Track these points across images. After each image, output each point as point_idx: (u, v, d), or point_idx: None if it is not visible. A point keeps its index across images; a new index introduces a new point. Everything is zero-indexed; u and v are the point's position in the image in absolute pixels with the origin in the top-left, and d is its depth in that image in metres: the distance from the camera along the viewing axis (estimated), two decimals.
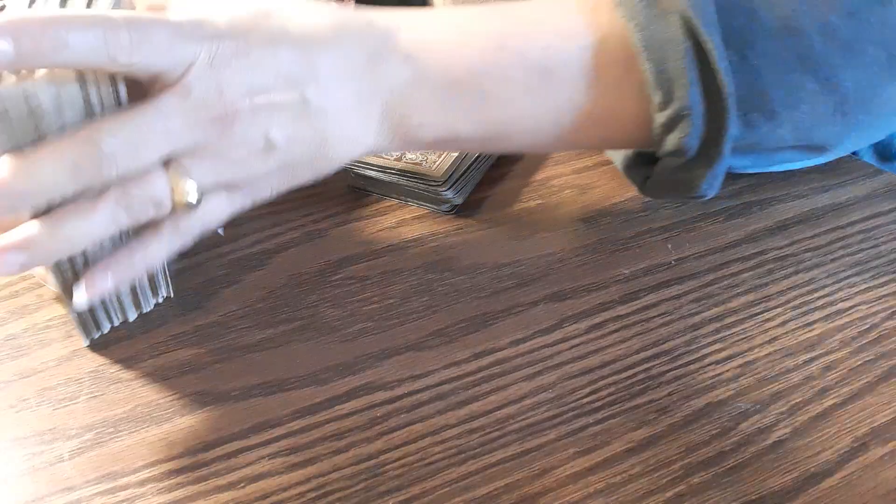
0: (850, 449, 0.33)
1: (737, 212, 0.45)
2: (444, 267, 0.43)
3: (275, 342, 0.38)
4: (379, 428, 0.34)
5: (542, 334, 0.38)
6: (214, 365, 0.37)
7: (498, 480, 0.32)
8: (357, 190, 0.48)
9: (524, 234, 0.45)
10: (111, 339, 0.39)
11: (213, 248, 0.44)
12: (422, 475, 0.32)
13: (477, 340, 0.38)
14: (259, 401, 0.35)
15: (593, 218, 0.46)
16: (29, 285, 0.42)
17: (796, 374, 0.36)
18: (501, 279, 0.42)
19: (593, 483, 0.32)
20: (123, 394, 0.36)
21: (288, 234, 0.45)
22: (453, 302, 0.40)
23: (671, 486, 0.31)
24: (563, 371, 0.36)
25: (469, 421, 0.34)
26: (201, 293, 0.41)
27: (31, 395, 0.36)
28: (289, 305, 0.40)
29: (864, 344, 0.38)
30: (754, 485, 0.31)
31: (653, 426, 0.34)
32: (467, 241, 0.45)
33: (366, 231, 0.45)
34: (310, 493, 0.31)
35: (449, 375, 0.36)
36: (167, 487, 0.32)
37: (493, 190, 0.48)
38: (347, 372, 0.37)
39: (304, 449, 0.33)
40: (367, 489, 0.32)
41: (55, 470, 0.33)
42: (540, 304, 0.40)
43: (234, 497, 0.31)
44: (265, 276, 0.42)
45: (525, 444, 0.33)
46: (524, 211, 0.47)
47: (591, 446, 0.33)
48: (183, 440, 0.34)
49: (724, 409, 0.35)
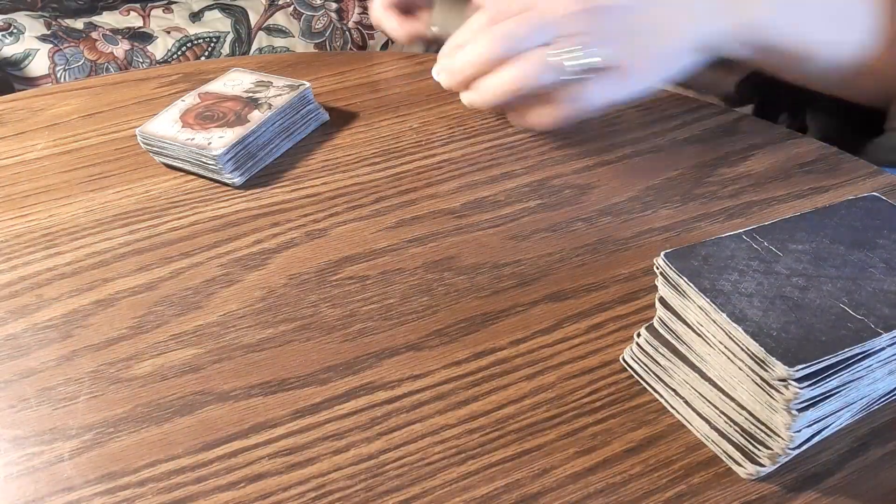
0: (850, 449, 0.33)
1: (737, 212, 0.45)
2: (444, 267, 0.43)
3: (275, 342, 0.38)
4: (379, 428, 0.34)
5: (542, 334, 0.38)
6: (214, 365, 0.37)
7: (498, 480, 0.32)
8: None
9: (524, 234, 0.45)
10: (112, 338, 0.39)
11: (213, 247, 0.44)
12: (422, 475, 0.32)
13: (477, 340, 0.38)
14: (259, 401, 0.35)
15: (593, 218, 0.46)
16: (29, 285, 0.42)
17: None
18: (501, 279, 0.42)
19: (593, 483, 0.32)
20: (123, 394, 0.36)
21: (288, 234, 0.45)
22: (453, 302, 0.40)
23: (671, 486, 0.31)
24: (563, 371, 0.36)
25: (469, 421, 0.34)
26: (201, 293, 0.41)
27: (31, 395, 0.36)
28: (289, 305, 0.40)
29: None
30: (754, 485, 0.31)
31: (653, 426, 0.34)
32: (467, 241, 0.45)
33: (366, 231, 0.45)
34: (310, 493, 0.31)
35: (449, 375, 0.36)
36: (167, 487, 0.32)
37: (493, 190, 0.49)
38: (347, 372, 0.37)
39: (304, 449, 0.33)
40: (367, 489, 0.32)
41: (55, 470, 0.33)
42: (540, 304, 0.40)
43: (234, 497, 0.31)
44: (265, 276, 0.42)
45: (525, 444, 0.33)
46: (523, 210, 0.47)
47: (591, 446, 0.33)
48: (183, 440, 0.34)
49: None
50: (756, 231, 0.34)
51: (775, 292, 0.31)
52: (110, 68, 1.25)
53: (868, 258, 0.33)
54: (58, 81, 1.22)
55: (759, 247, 0.33)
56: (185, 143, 0.49)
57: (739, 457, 0.32)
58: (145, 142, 0.51)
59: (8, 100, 0.60)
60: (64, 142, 0.54)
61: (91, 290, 0.41)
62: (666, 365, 0.34)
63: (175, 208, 0.48)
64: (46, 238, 0.45)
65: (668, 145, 0.53)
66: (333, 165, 0.51)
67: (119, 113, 0.58)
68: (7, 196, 0.49)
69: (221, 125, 0.50)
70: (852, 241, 0.34)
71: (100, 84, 0.62)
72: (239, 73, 0.56)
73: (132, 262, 0.43)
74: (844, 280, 0.31)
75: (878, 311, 0.30)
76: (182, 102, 0.53)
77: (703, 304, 0.31)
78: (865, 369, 0.30)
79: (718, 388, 0.32)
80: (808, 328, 0.29)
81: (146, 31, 1.30)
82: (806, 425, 0.30)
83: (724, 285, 0.31)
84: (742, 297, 0.31)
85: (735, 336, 0.30)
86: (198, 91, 0.54)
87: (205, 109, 0.52)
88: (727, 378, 0.32)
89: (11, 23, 1.23)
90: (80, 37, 1.26)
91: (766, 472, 0.31)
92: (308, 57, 0.64)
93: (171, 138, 0.49)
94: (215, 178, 0.50)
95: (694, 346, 0.33)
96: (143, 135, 0.50)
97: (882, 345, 0.29)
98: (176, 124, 0.50)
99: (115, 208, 0.48)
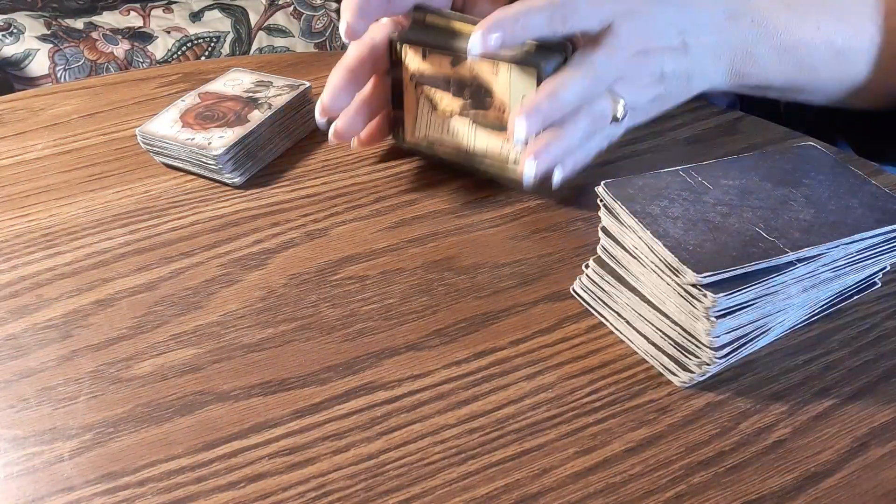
0: (850, 449, 0.33)
1: None
2: (444, 267, 0.43)
3: (275, 342, 0.38)
4: (379, 428, 0.34)
5: (542, 334, 0.38)
6: (214, 365, 0.37)
7: (498, 480, 0.32)
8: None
9: (524, 234, 0.45)
10: (112, 338, 0.39)
11: (213, 247, 0.44)
12: (422, 475, 0.32)
13: (477, 340, 0.38)
14: (259, 401, 0.35)
15: (593, 218, 0.46)
16: (29, 285, 0.42)
17: (796, 374, 0.36)
18: (501, 279, 0.42)
19: (593, 483, 0.32)
20: (123, 394, 0.36)
21: (288, 234, 0.45)
22: (453, 302, 0.40)
23: (671, 486, 0.31)
24: (563, 371, 0.36)
25: (469, 421, 0.34)
26: (201, 293, 0.41)
27: (31, 395, 0.36)
28: (289, 305, 0.40)
29: (864, 344, 0.38)
30: (754, 485, 0.31)
31: (653, 426, 0.34)
32: (467, 241, 0.45)
33: (366, 231, 0.45)
34: (310, 493, 0.31)
35: (449, 375, 0.36)
36: (167, 487, 0.32)
37: (493, 190, 0.49)
38: (347, 372, 0.37)
39: (304, 449, 0.33)
40: (367, 489, 0.32)
41: (55, 470, 0.33)
42: (540, 304, 0.40)
43: (234, 497, 0.31)
44: (265, 276, 0.42)
45: (525, 444, 0.33)
46: (524, 211, 0.47)
47: (591, 446, 0.33)
48: (183, 440, 0.34)
49: (724, 408, 0.35)
50: (693, 168, 0.38)
51: (699, 217, 0.35)
52: (110, 68, 1.25)
53: (791, 193, 0.36)
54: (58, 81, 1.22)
55: (693, 181, 0.37)
56: (185, 143, 0.49)
57: (674, 367, 0.36)
58: (145, 141, 0.51)
59: (8, 100, 0.60)
60: (64, 142, 0.54)
61: (91, 290, 0.41)
62: (610, 291, 0.38)
63: (175, 208, 0.48)
64: (46, 238, 0.45)
65: (669, 145, 0.53)
66: (333, 165, 0.51)
67: (119, 113, 0.58)
68: (7, 196, 0.49)
69: (221, 125, 0.50)
70: (780, 179, 0.37)
71: (100, 84, 0.62)
72: (239, 72, 0.56)
73: (132, 262, 0.43)
74: (764, 210, 0.35)
75: (789, 235, 0.34)
76: (182, 102, 0.53)
77: (632, 223, 0.35)
78: (779, 285, 0.33)
79: (653, 305, 0.36)
80: (722, 245, 0.33)
81: (146, 31, 1.30)
82: (725, 332, 0.33)
83: (653, 209, 0.35)
84: (668, 220, 0.34)
85: (656, 250, 0.34)
86: (198, 91, 0.54)
87: (205, 109, 0.52)
88: (658, 294, 0.35)
89: (11, 23, 1.24)
90: (80, 37, 1.26)
91: (699, 379, 0.35)
92: (308, 57, 0.64)
93: (171, 138, 0.49)
94: (215, 177, 0.50)
95: (631, 269, 0.37)
96: (143, 135, 0.50)
97: (789, 260, 0.33)
98: (176, 124, 0.50)
99: (115, 208, 0.48)
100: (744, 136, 0.53)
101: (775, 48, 0.50)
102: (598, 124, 0.46)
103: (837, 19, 0.51)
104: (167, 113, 0.52)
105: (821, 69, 0.51)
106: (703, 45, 0.48)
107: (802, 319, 0.38)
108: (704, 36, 0.48)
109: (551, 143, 0.44)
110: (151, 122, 0.51)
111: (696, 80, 0.49)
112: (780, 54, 0.50)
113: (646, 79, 0.46)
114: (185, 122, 0.50)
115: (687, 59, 0.47)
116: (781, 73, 0.51)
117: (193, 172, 0.50)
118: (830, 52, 0.51)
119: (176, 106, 0.52)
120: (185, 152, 0.49)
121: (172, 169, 0.51)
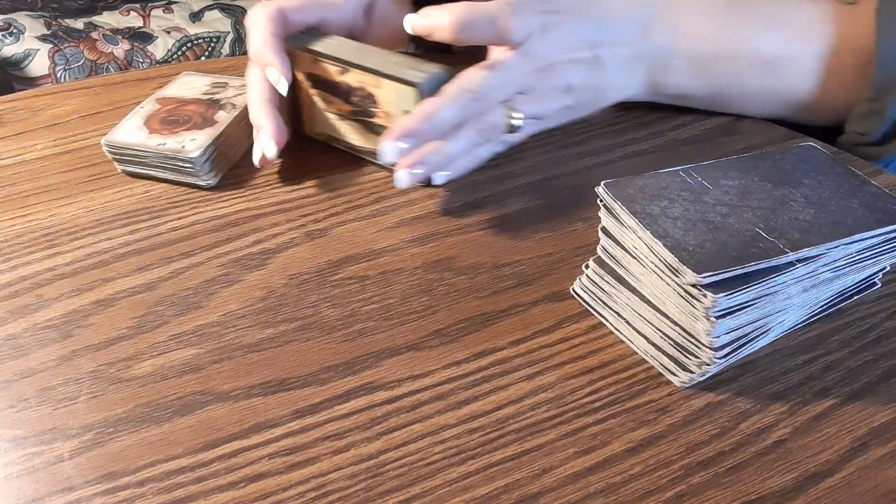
0: (850, 449, 0.33)
1: None
2: (444, 267, 0.43)
3: (275, 342, 0.38)
4: (379, 428, 0.34)
5: (542, 334, 0.38)
6: (214, 365, 0.37)
7: (498, 480, 0.32)
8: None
9: (524, 234, 0.45)
10: (112, 338, 0.39)
11: (213, 247, 0.44)
12: (422, 475, 0.32)
13: (477, 340, 0.38)
14: (259, 401, 0.35)
15: (593, 218, 0.46)
16: (29, 285, 0.42)
17: (796, 374, 0.36)
18: (501, 279, 0.42)
19: (593, 483, 0.32)
20: (123, 394, 0.36)
21: (288, 234, 0.45)
22: (453, 302, 0.40)
23: (671, 486, 0.31)
24: (563, 371, 0.36)
25: (469, 421, 0.34)
26: (201, 293, 0.41)
27: (31, 395, 0.36)
28: (289, 305, 0.40)
29: (864, 344, 0.38)
30: (754, 485, 0.31)
31: (653, 426, 0.34)
32: (467, 241, 0.45)
33: (366, 231, 0.45)
34: (310, 493, 0.31)
35: (449, 375, 0.36)
36: (167, 487, 0.32)
37: (493, 190, 0.49)
38: (347, 372, 0.37)
39: (304, 449, 0.33)
40: (367, 489, 0.32)
41: (55, 470, 0.33)
42: (540, 304, 0.40)
43: (234, 497, 0.31)
44: (265, 276, 0.42)
45: (525, 444, 0.33)
46: (524, 211, 0.47)
47: (591, 446, 0.33)
48: (183, 440, 0.34)
49: (724, 409, 0.35)
50: (693, 168, 0.38)
51: (699, 217, 0.35)
52: (110, 68, 1.25)
53: (791, 194, 0.36)
54: (58, 81, 1.22)
55: (693, 181, 0.37)
56: (158, 149, 0.48)
57: (674, 367, 0.36)
58: (111, 151, 0.49)
59: (8, 100, 0.60)
60: (64, 142, 0.54)
61: (91, 290, 0.41)
62: (610, 291, 0.38)
63: (175, 208, 0.48)
64: (46, 238, 0.45)
65: (668, 145, 0.53)
66: (333, 165, 0.51)
67: (119, 113, 0.58)
68: (7, 196, 0.49)
69: (190, 128, 0.50)
70: (780, 180, 0.37)
71: (100, 84, 0.62)
72: (191, 76, 0.56)
73: (132, 262, 0.43)
74: (764, 210, 0.35)
75: (789, 235, 0.34)
76: (142, 109, 0.52)
77: (632, 223, 0.35)
78: (779, 285, 0.33)
79: (652, 305, 0.36)
80: (722, 245, 0.33)
81: (146, 31, 1.30)
82: (725, 332, 0.33)
83: (653, 209, 0.35)
84: (668, 220, 0.34)
85: (656, 250, 0.34)
86: (154, 97, 0.53)
87: (168, 114, 0.51)
88: (658, 294, 0.35)
89: (11, 23, 1.24)
90: (80, 37, 1.26)
91: (699, 379, 0.35)
92: None
93: (141, 145, 0.48)
94: (188, 181, 0.49)
95: (631, 269, 0.37)
96: (109, 144, 0.49)
97: (789, 261, 0.33)
98: (142, 131, 0.49)
99: (115, 208, 0.48)
100: (744, 136, 0.53)
101: (693, 59, 0.50)
102: (489, 135, 0.46)
103: (770, 29, 0.50)
104: (130, 121, 0.51)
105: (747, 81, 0.51)
106: (617, 57, 0.49)
107: (802, 320, 0.38)
108: (618, 48, 0.49)
109: (428, 155, 0.44)
110: (115, 131, 0.50)
111: (611, 92, 0.51)
112: (698, 65, 0.50)
113: (550, 92, 0.47)
114: (151, 129, 0.50)
115: (599, 72, 0.48)
116: (702, 85, 0.51)
117: (162, 179, 0.50)
118: (757, 62, 0.50)
119: (136, 113, 0.51)
120: (158, 158, 0.48)
121: (136, 177, 0.50)
